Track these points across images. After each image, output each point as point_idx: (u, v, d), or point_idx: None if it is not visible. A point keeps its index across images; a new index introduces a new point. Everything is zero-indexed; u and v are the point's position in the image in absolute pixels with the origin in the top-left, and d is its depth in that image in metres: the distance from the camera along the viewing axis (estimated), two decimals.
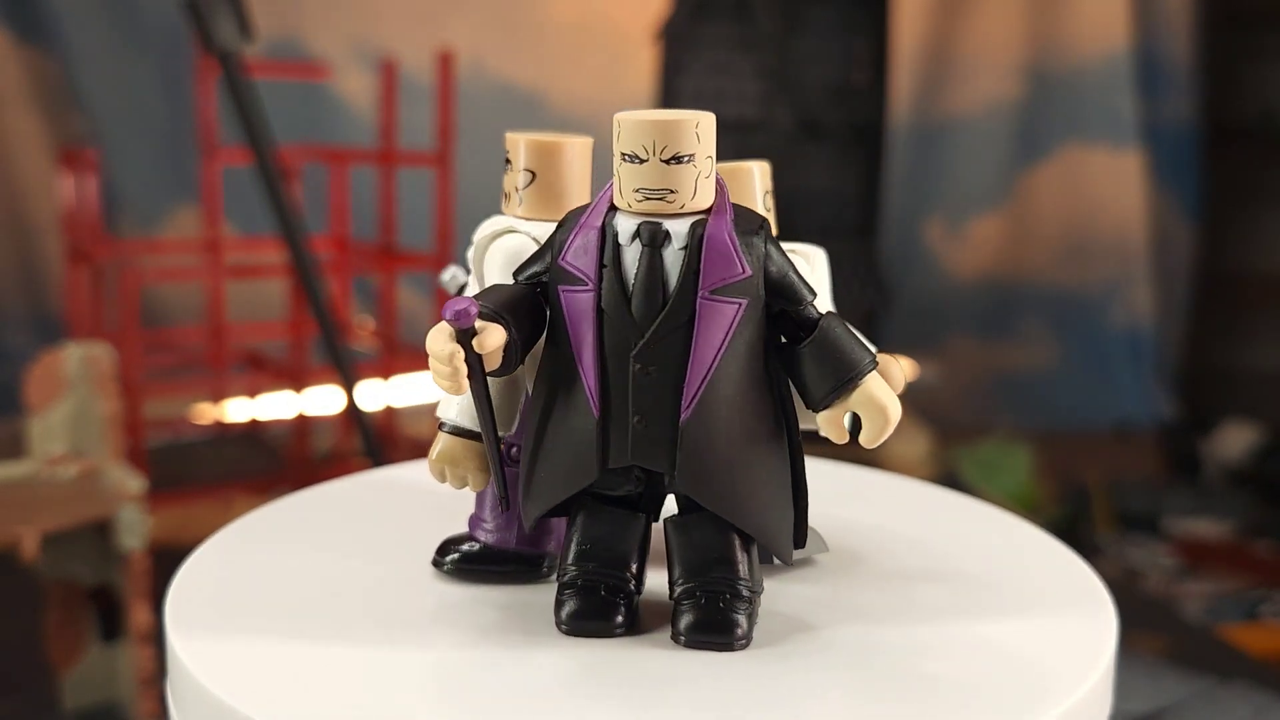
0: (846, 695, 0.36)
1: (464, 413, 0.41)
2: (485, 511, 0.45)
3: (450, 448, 0.41)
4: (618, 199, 0.38)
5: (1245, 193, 2.42)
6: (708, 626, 0.39)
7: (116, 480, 0.82)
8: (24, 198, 2.03)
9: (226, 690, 0.35)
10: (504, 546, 0.44)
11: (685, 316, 0.38)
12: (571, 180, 0.43)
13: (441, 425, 0.42)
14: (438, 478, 0.42)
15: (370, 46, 2.13)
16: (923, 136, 2.48)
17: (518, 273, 0.40)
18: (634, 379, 0.38)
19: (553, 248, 0.39)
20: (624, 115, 0.38)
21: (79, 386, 0.83)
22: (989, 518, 0.53)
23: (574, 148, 0.43)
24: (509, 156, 0.43)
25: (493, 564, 0.44)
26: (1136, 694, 1.02)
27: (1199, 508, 1.92)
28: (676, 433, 0.38)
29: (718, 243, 0.38)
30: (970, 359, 2.50)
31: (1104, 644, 0.40)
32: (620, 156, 0.38)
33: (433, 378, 0.37)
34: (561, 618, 0.40)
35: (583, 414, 0.38)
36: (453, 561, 0.44)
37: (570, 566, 0.40)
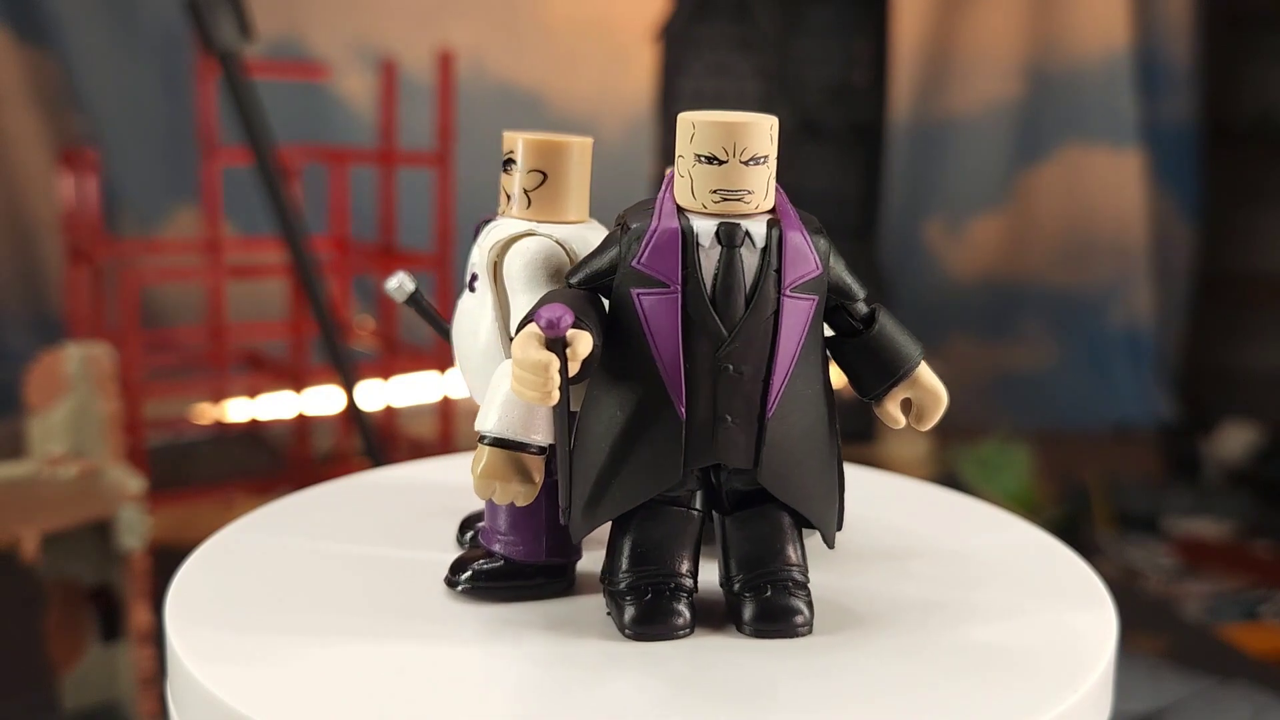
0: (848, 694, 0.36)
1: (509, 424, 0.39)
2: (502, 523, 0.42)
3: (495, 461, 0.39)
4: (687, 200, 0.38)
5: (1245, 193, 2.43)
6: (775, 616, 0.39)
7: (117, 480, 0.82)
8: (24, 198, 2.03)
9: (226, 690, 0.35)
10: (530, 560, 0.42)
11: (768, 314, 0.38)
12: (579, 181, 0.43)
13: (483, 439, 0.39)
14: (485, 494, 0.39)
15: (370, 47, 2.13)
16: (923, 136, 2.48)
17: (570, 276, 0.39)
18: (720, 379, 0.38)
19: (620, 250, 0.38)
20: (698, 117, 0.38)
21: (79, 386, 0.83)
22: (989, 518, 0.53)
23: (581, 148, 0.43)
24: (512, 156, 0.42)
25: (516, 579, 0.42)
26: (1136, 694, 1.02)
27: (1198, 508, 1.92)
28: (761, 428, 0.39)
29: (796, 241, 0.38)
30: (970, 359, 2.50)
31: (1104, 644, 0.40)
32: (695, 158, 0.38)
33: (518, 388, 0.36)
34: (626, 623, 0.39)
35: (665, 417, 0.38)
36: (470, 580, 0.42)
37: (628, 571, 0.40)
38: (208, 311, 1.48)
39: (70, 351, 0.83)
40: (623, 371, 0.38)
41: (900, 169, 2.36)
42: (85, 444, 0.83)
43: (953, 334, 2.47)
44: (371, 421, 1.18)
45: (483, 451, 0.39)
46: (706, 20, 1.65)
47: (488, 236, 0.42)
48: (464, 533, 0.46)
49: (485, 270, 0.42)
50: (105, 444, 0.83)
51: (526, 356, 0.36)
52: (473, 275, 0.43)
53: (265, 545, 0.47)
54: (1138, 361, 2.54)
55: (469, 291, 0.43)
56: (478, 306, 0.43)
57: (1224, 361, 2.48)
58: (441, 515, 0.50)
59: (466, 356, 0.44)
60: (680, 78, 1.66)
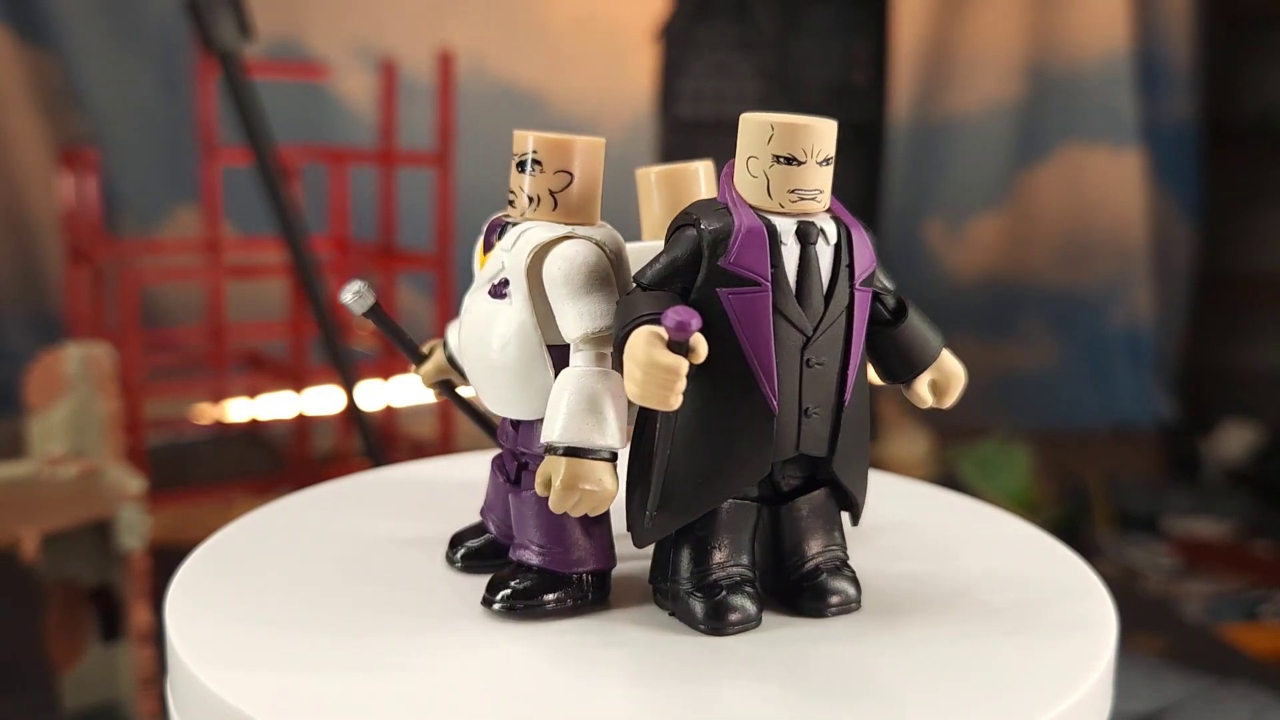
0: (848, 693, 0.36)
1: (579, 432, 0.38)
2: (535, 534, 0.41)
3: (573, 471, 0.38)
4: (762, 199, 0.39)
5: (1245, 193, 2.43)
6: (840, 593, 0.42)
7: (117, 480, 0.82)
8: (24, 198, 2.03)
9: (227, 690, 0.35)
10: (573, 569, 0.41)
11: (843, 307, 0.40)
12: (599, 182, 0.42)
13: (552, 449, 0.38)
14: (564, 507, 0.38)
15: (370, 47, 2.13)
16: (923, 136, 2.48)
17: (642, 277, 0.39)
18: (804, 372, 0.39)
19: (702, 250, 0.38)
20: (776, 119, 0.38)
21: (79, 386, 0.83)
22: (988, 518, 0.53)
23: (600, 148, 0.42)
24: (534, 157, 0.41)
25: (558, 590, 0.41)
26: (1136, 694, 1.02)
27: (1198, 508, 1.92)
28: (838, 418, 0.40)
29: (861, 237, 0.40)
30: (970, 359, 2.48)
31: (1103, 644, 0.40)
32: (774, 159, 0.39)
33: (642, 392, 0.36)
34: (702, 619, 0.40)
35: (756, 412, 0.39)
36: (508, 599, 0.40)
37: (698, 568, 0.40)
38: (208, 311, 1.48)
39: (70, 351, 0.83)
40: (708, 370, 0.38)
41: (900, 169, 2.36)
42: (85, 444, 0.83)
43: (953, 334, 2.45)
44: (371, 421, 1.18)
45: (557, 463, 0.38)
46: (706, 20, 1.65)
47: (519, 240, 0.40)
48: (455, 549, 0.45)
49: (522, 276, 0.40)
50: (105, 444, 0.83)
51: (657, 360, 0.35)
52: (503, 280, 0.41)
53: (265, 545, 0.47)
54: (1138, 361, 2.54)
55: (493, 297, 0.41)
56: (507, 313, 0.41)
57: (1224, 361, 2.48)
58: (441, 515, 0.50)
59: (485, 363, 0.41)
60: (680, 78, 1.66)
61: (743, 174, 0.39)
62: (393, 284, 1.54)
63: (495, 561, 0.44)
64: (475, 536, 0.45)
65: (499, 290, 0.41)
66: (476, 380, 0.43)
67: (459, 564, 0.45)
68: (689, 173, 0.47)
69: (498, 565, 0.43)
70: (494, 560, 0.44)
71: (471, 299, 0.42)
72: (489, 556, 0.44)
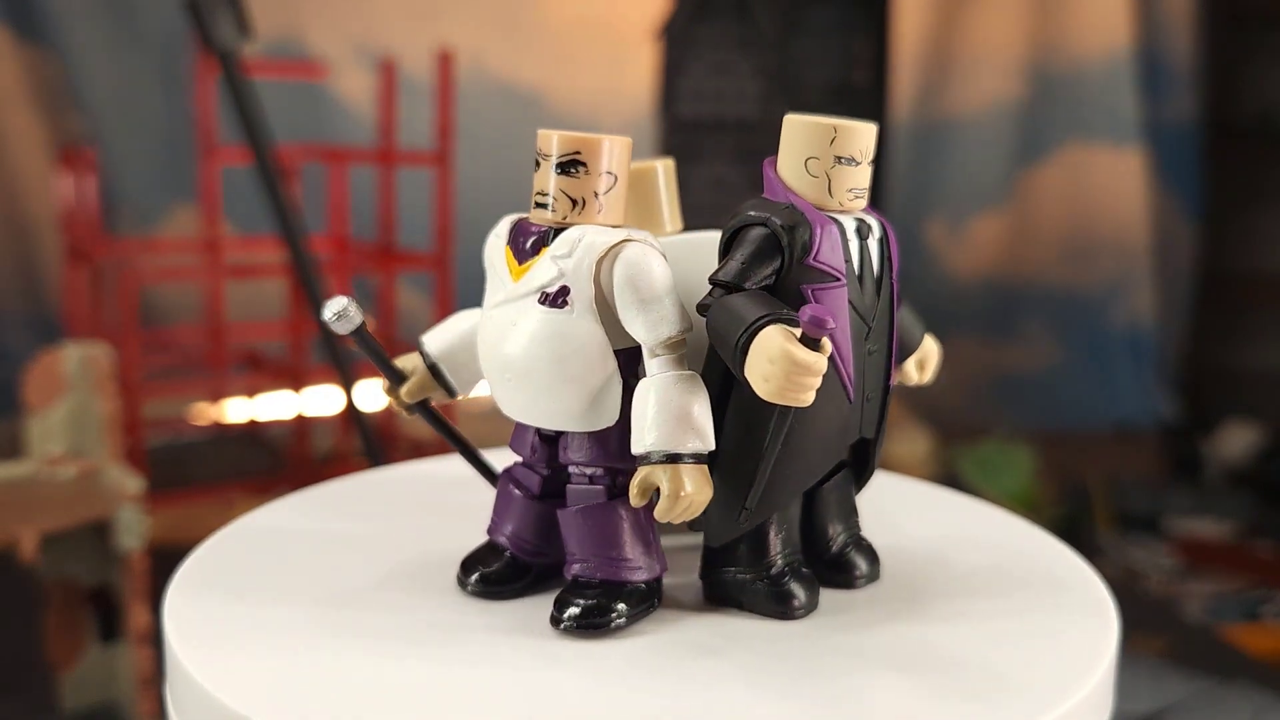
0: (847, 693, 0.36)
1: (674, 437, 0.38)
2: (602, 546, 0.40)
3: (678, 476, 0.38)
4: (824, 199, 0.40)
5: (1246, 192, 2.42)
6: (872, 563, 0.45)
7: (115, 480, 0.82)
8: (23, 197, 2.03)
9: (225, 691, 0.35)
10: (656, 577, 0.41)
11: (889, 298, 0.42)
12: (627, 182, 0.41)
13: (647, 458, 0.38)
14: (672, 516, 0.38)
15: (369, 46, 2.13)
16: (923, 136, 2.48)
17: (737, 277, 0.39)
18: (865, 360, 0.42)
19: (785, 248, 0.39)
20: (838, 122, 0.40)
21: (78, 386, 0.83)
22: (989, 518, 0.53)
23: (630, 147, 0.41)
24: (580, 159, 0.39)
25: (646, 602, 0.41)
26: (1137, 694, 1.01)
27: (1200, 508, 1.92)
28: (884, 402, 0.43)
29: (895, 232, 0.43)
30: (971, 359, 2.50)
31: (1105, 644, 0.40)
32: (836, 160, 0.40)
33: (780, 389, 0.36)
34: (803, 602, 0.41)
35: (836, 400, 0.40)
36: (577, 618, 0.39)
37: (780, 554, 0.42)
38: (206, 311, 1.48)
39: (69, 351, 0.83)
40: None
41: (901, 169, 2.36)
42: (84, 444, 0.83)
43: (953, 334, 2.47)
44: (371, 421, 1.18)
45: (660, 471, 0.38)
46: (706, 20, 1.65)
47: (579, 246, 0.39)
48: (468, 574, 0.43)
49: (588, 283, 0.39)
50: (104, 444, 0.83)
51: (797, 357, 0.35)
52: (562, 289, 0.39)
53: (265, 545, 0.47)
54: (1139, 361, 2.54)
55: (549, 307, 0.39)
56: (572, 322, 0.39)
57: (1225, 361, 2.48)
58: (441, 515, 0.50)
59: (540, 376, 0.39)
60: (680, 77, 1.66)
61: (801, 174, 0.40)
62: (392, 284, 1.54)
63: (514, 584, 0.42)
64: (488, 561, 0.43)
65: (557, 299, 0.39)
66: (522, 394, 0.40)
67: (473, 590, 0.42)
68: (649, 172, 0.46)
69: (517, 588, 0.42)
70: (512, 584, 0.42)
71: (508, 310, 0.40)
72: (508, 580, 0.43)
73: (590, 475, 0.41)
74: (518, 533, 0.43)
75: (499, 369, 0.40)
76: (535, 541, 0.42)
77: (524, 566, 0.42)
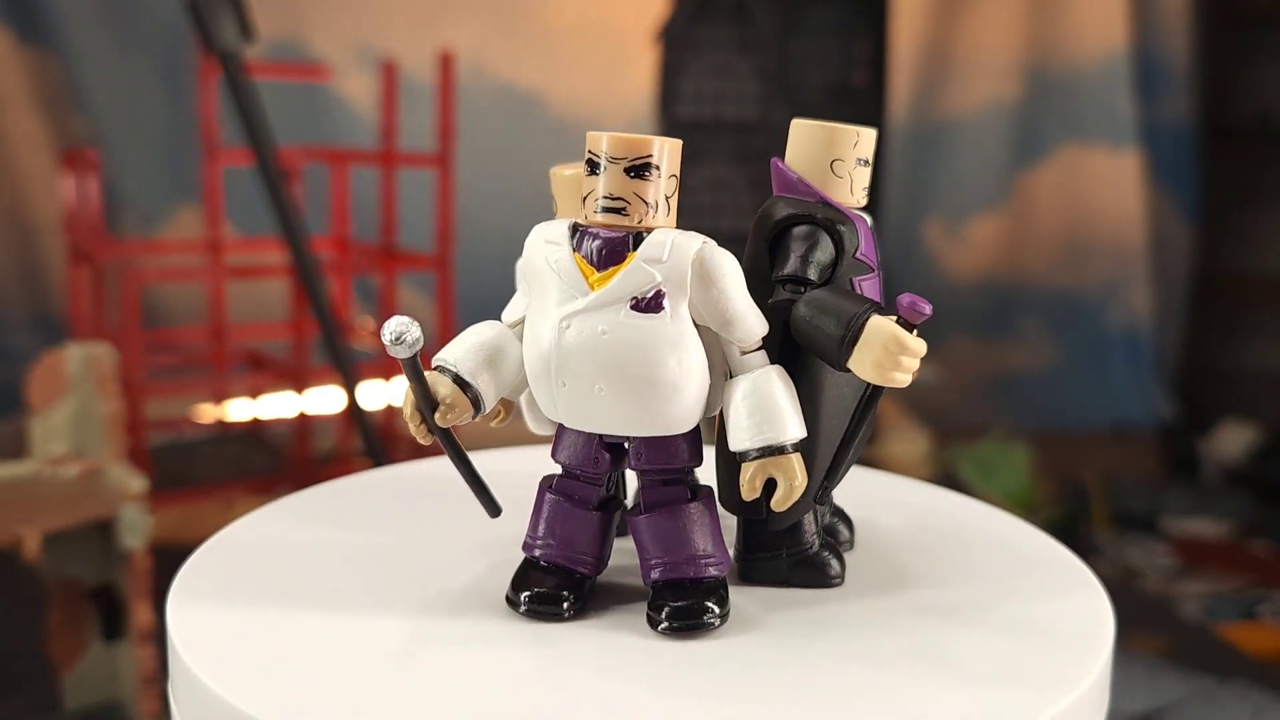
0: (847, 692, 0.37)
1: (794, 427, 0.39)
2: (711, 545, 0.40)
3: (796, 466, 0.39)
4: (847, 197, 0.43)
5: (1243, 193, 2.43)
6: (850, 529, 0.48)
7: (118, 480, 0.82)
8: (26, 198, 2.03)
9: (228, 689, 0.35)
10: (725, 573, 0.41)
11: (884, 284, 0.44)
12: None
13: (782, 449, 0.39)
14: (789, 504, 0.39)
15: (371, 48, 2.13)
16: (922, 137, 2.48)
17: (811, 272, 0.41)
18: None
19: (840, 243, 0.42)
20: (860, 128, 0.43)
21: (81, 386, 0.84)
22: (987, 517, 0.53)
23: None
24: (655, 161, 0.38)
25: (710, 598, 0.40)
26: (1135, 693, 1.02)
27: (1197, 507, 1.92)
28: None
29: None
30: (969, 359, 2.50)
31: (1101, 643, 0.40)
32: (858, 162, 0.43)
33: (888, 373, 0.38)
34: (839, 571, 0.44)
35: (871, 385, 0.42)
36: (678, 618, 0.39)
37: (814, 534, 0.44)
38: (209, 312, 1.48)
39: (72, 352, 0.84)
40: None
41: (900, 169, 2.37)
42: (87, 444, 0.84)
43: (952, 334, 2.47)
44: (372, 421, 1.18)
45: (776, 462, 0.39)
46: (706, 21, 1.65)
47: (673, 249, 0.38)
48: (518, 592, 0.41)
49: (687, 285, 0.38)
50: (106, 444, 0.83)
51: (907, 343, 0.38)
52: (658, 293, 0.38)
53: (266, 545, 0.47)
54: (1136, 361, 2.55)
55: (643, 312, 0.38)
56: (672, 326, 0.38)
57: (1222, 361, 2.48)
58: (443, 515, 0.50)
59: (640, 383, 0.39)
60: (680, 78, 1.67)
61: (826, 175, 0.43)
62: (393, 284, 1.54)
63: (574, 601, 0.41)
64: (540, 579, 0.41)
65: (653, 304, 0.38)
66: (618, 404, 0.39)
67: (528, 610, 0.41)
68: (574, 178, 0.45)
69: (578, 605, 0.41)
70: (572, 600, 0.41)
71: (592, 319, 0.39)
72: (564, 598, 0.41)
73: (665, 478, 0.41)
74: (575, 546, 0.41)
75: (585, 380, 0.39)
76: (594, 554, 0.42)
77: (579, 581, 0.41)
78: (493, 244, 0.42)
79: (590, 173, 0.39)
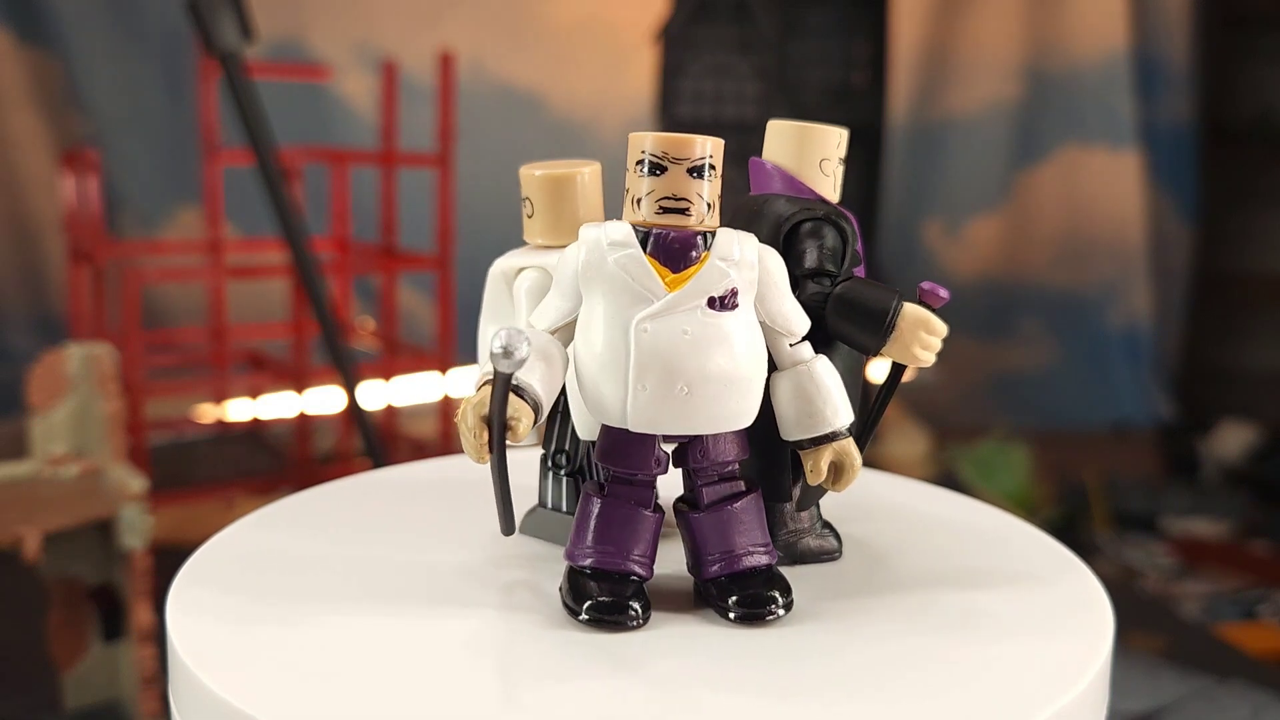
0: (847, 692, 0.37)
1: (851, 412, 0.42)
2: (765, 534, 0.42)
3: (856, 448, 0.42)
4: (831, 195, 0.45)
5: (1243, 193, 2.43)
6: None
7: (118, 480, 0.82)
8: (26, 198, 2.03)
9: (228, 690, 0.35)
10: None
11: None
12: None
13: (834, 436, 0.41)
14: (848, 486, 0.42)
15: (371, 48, 2.13)
16: (921, 137, 2.48)
17: (836, 265, 0.43)
18: None
19: (848, 238, 0.44)
20: (840, 130, 0.44)
21: (81, 386, 0.84)
22: (987, 517, 0.53)
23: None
24: (713, 162, 0.39)
25: (776, 587, 0.42)
26: (1134, 693, 1.02)
27: (1196, 507, 1.92)
28: None
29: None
30: (969, 359, 2.51)
31: (1101, 643, 0.40)
32: (839, 161, 0.45)
33: (926, 357, 0.42)
34: (829, 550, 0.47)
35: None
36: (753, 605, 0.40)
37: (817, 517, 0.47)
38: (209, 312, 1.48)
39: (72, 351, 0.84)
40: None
41: (899, 170, 2.37)
42: (87, 444, 0.84)
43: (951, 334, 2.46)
44: (372, 421, 1.18)
45: (839, 447, 0.42)
46: (706, 21, 1.65)
47: (743, 247, 0.40)
48: (580, 602, 0.40)
49: (756, 283, 0.40)
50: (107, 444, 0.83)
51: (939, 327, 0.42)
52: (733, 290, 0.39)
53: (266, 545, 0.47)
54: (1136, 361, 2.55)
55: (719, 310, 0.39)
56: (741, 321, 0.40)
57: (1222, 361, 2.48)
58: (443, 515, 0.50)
59: (718, 381, 0.39)
60: (680, 79, 1.67)
61: (816, 174, 0.45)
62: (393, 284, 1.54)
63: (644, 608, 0.40)
64: (600, 588, 0.40)
65: (729, 302, 0.39)
66: (703, 404, 0.39)
67: (590, 618, 0.40)
68: (568, 179, 0.45)
69: (647, 613, 0.40)
70: (641, 607, 0.40)
71: (673, 321, 0.39)
72: (630, 606, 0.40)
73: (720, 474, 0.42)
74: (634, 550, 0.41)
75: (668, 382, 0.39)
76: (651, 556, 0.41)
77: (639, 586, 0.41)
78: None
79: (647, 173, 0.39)
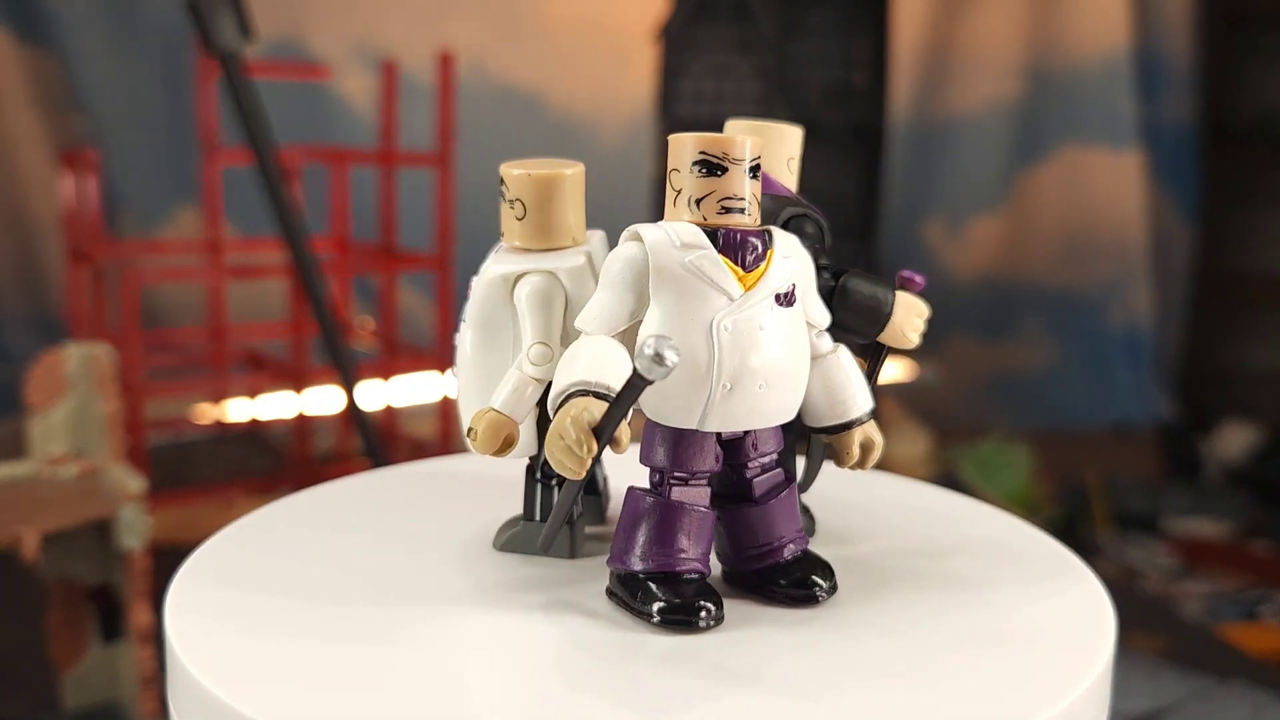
0: (846, 692, 0.36)
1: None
2: (793, 523, 0.43)
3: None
4: (794, 190, 0.47)
5: (1244, 193, 2.43)
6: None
7: (117, 480, 0.82)
8: (25, 198, 2.03)
9: (226, 690, 0.35)
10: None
11: None
12: None
13: (859, 421, 0.44)
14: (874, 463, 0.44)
15: (371, 47, 2.13)
16: (922, 137, 2.48)
17: (831, 264, 0.45)
18: None
19: (824, 234, 0.46)
20: (798, 129, 0.46)
21: (80, 386, 0.83)
22: (988, 517, 0.53)
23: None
24: (759, 161, 0.40)
25: (818, 570, 0.44)
26: (1135, 693, 1.02)
27: (1197, 507, 1.92)
28: None
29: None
30: (970, 359, 2.50)
31: (1102, 643, 0.40)
32: (800, 160, 0.47)
33: (917, 336, 0.45)
34: (810, 530, 0.49)
35: None
36: (809, 587, 0.42)
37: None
38: (208, 312, 1.48)
39: (71, 351, 0.84)
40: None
41: (900, 169, 2.37)
42: (86, 444, 0.84)
43: (952, 334, 2.47)
44: (372, 421, 1.18)
45: (866, 429, 0.44)
46: (706, 21, 1.65)
47: (792, 243, 0.41)
48: (648, 604, 0.40)
49: (806, 276, 0.42)
50: (106, 444, 0.83)
51: (924, 309, 0.45)
52: (794, 285, 0.40)
53: (266, 545, 0.47)
54: (1137, 361, 2.55)
55: (785, 306, 0.40)
56: (797, 317, 0.41)
57: (1223, 361, 2.48)
58: (443, 515, 0.50)
59: (784, 374, 0.40)
60: (680, 78, 1.66)
61: (784, 172, 0.46)
62: (393, 284, 1.54)
63: (716, 606, 0.40)
64: (667, 590, 0.40)
65: (791, 298, 0.41)
66: (775, 398, 0.40)
67: (666, 619, 0.40)
68: (559, 180, 0.45)
69: (716, 613, 0.40)
70: (713, 606, 0.40)
71: (750, 317, 0.39)
72: (703, 606, 0.40)
73: (763, 464, 0.43)
74: (693, 550, 0.41)
75: (750, 379, 0.39)
76: (708, 554, 0.41)
77: (704, 585, 0.41)
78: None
79: (707, 174, 0.39)
